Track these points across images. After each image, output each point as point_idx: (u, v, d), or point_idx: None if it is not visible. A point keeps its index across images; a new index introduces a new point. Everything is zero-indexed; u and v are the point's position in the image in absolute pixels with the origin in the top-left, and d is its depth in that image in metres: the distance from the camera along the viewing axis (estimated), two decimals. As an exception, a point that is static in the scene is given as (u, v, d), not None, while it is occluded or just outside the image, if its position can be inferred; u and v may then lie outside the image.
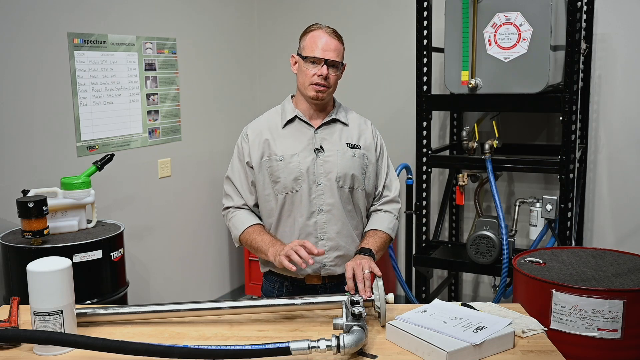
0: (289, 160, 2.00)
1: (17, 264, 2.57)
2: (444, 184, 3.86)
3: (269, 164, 2.01)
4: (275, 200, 2.02)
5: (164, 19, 3.66)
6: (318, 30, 1.99)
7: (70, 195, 2.74)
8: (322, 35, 1.97)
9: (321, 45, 1.96)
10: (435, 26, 3.33)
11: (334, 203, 2.01)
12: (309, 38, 1.99)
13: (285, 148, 2.01)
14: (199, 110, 3.99)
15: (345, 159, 2.02)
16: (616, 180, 3.56)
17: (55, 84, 3.04)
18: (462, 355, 1.50)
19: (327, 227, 2.01)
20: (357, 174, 2.03)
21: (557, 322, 2.07)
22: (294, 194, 2.00)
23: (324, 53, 1.95)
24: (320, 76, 1.95)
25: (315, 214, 2.01)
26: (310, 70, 1.97)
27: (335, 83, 2.01)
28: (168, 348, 1.43)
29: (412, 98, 3.39)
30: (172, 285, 3.87)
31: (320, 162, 2.01)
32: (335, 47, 1.98)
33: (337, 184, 2.01)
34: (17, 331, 1.62)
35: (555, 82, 3.03)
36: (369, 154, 2.08)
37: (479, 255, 3.13)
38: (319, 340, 1.49)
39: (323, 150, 2.01)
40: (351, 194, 2.04)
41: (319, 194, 2.00)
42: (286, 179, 1.99)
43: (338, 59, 1.98)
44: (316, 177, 2.00)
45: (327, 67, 1.96)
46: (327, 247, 2.01)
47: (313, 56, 1.96)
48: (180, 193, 3.87)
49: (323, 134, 2.05)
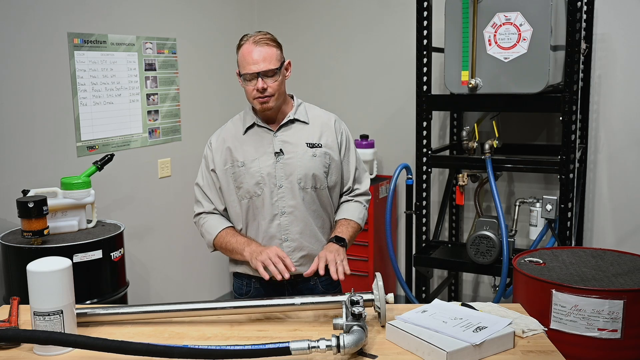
0: (249, 166, 2.02)
1: (17, 264, 2.57)
2: (444, 184, 3.86)
3: (232, 171, 2.05)
4: (239, 205, 2.06)
5: (164, 19, 3.66)
6: (245, 43, 1.98)
7: (70, 195, 2.74)
8: (249, 48, 1.95)
9: (250, 59, 1.94)
10: (435, 26, 3.33)
11: (295, 205, 2.03)
12: (240, 55, 1.99)
13: (246, 154, 2.04)
14: (199, 110, 3.99)
15: (305, 160, 2.03)
16: (616, 180, 3.56)
17: (55, 84, 3.04)
18: (462, 355, 1.50)
19: (290, 228, 2.03)
20: (318, 174, 2.04)
21: (557, 322, 2.07)
22: (256, 198, 2.03)
23: (255, 67, 1.94)
24: (258, 90, 1.96)
25: (278, 216, 2.03)
26: (248, 86, 1.98)
27: (278, 88, 1.99)
28: (168, 348, 1.43)
29: (412, 98, 3.39)
30: (172, 285, 3.87)
31: (281, 165, 2.02)
32: (265, 56, 1.95)
33: (299, 185, 2.02)
34: (17, 331, 1.62)
35: (555, 82, 3.03)
36: (332, 152, 2.08)
37: (479, 255, 3.13)
38: (319, 340, 1.49)
39: (283, 153, 2.03)
40: (315, 194, 2.05)
41: (281, 197, 2.02)
42: (248, 183, 2.02)
43: (271, 66, 1.95)
44: (277, 180, 2.02)
45: (262, 78, 1.95)
46: (291, 248, 2.04)
47: (246, 73, 1.96)
48: (180, 193, 3.87)
49: (282, 136, 2.06)
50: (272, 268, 1.82)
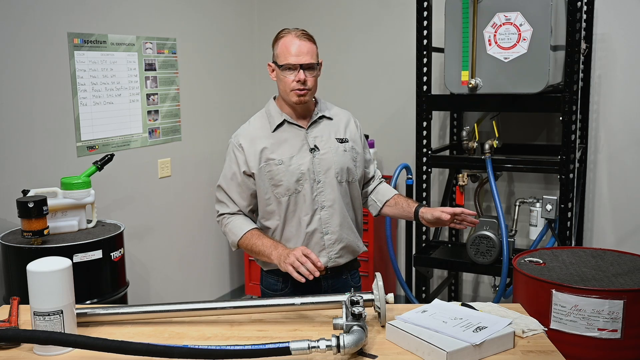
0: (288, 163, 2.05)
1: (17, 264, 2.57)
2: (444, 184, 3.86)
3: (268, 169, 2.05)
4: (277, 203, 2.07)
5: (164, 19, 3.66)
6: (288, 35, 2.02)
7: (70, 195, 2.74)
8: (293, 40, 2.00)
9: (294, 50, 1.99)
10: (435, 26, 3.33)
11: (334, 198, 2.08)
12: (280, 45, 2.03)
13: (283, 152, 2.06)
14: (199, 110, 3.99)
15: (338, 154, 2.10)
16: (616, 180, 3.56)
17: (55, 84, 3.04)
18: (462, 355, 1.50)
19: (330, 221, 2.08)
20: (351, 167, 2.13)
21: (557, 322, 2.07)
22: (297, 194, 2.06)
23: (298, 58, 1.99)
24: (299, 82, 2.00)
25: (318, 210, 2.07)
26: (288, 77, 2.01)
27: (314, 84, 2.06)
28: (168, 348, 1.43)
29: (412, 98, 3.39)
30: (172, 285, 3.87)
31: (317, 161, 2.07)
32: (308, 49, 2.01)
33: (336, 179, 2.08)
34: (17, 331, 1.63)
35: (555, 82, 3.03)
36: (356, 146, 2.17)
37: (479, 255, 3.13)
38: (319, 340, 1.49)
39: (318, 149, 2.08)
40: (348, 187, 2.13)
41: (320, 191, 2.07)
42: (288, 181, 2.04)
43: (313, 60, 2.02)
44: (315, 176, 2.06)
45: (304, 71, 2.00)
46: (332, 240, 2.09)
47: (288, 63, 1.99)
48: (180, 193, 3.87)
49: (313, 132, 2.11)
50: (303, 270, 1.84)
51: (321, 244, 2.08)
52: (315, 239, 2.07)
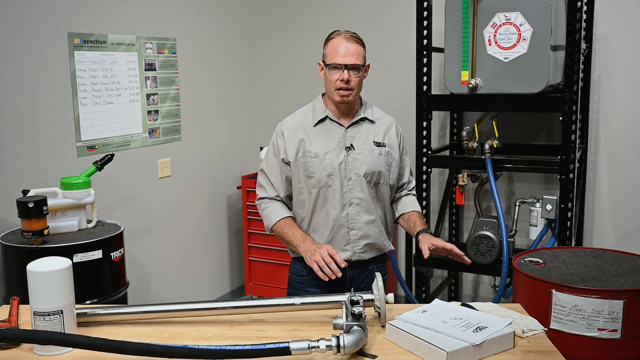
0: (322, 158, 2.15)
1: (17, 264, 2.57)
2: (444, 184, 3.86)
3: (304, 160, 2.16)
4: (308, 193, 2.18)
5: (164, 19, 3.66)
6: (337, 37, 2.13)
7: (70, 195, 2.74)
8: (341, 42, 2.10)
9: (341, 51, 2.09)
10: (435, 26, 3.33)
11: (363, 197, 2.17)
12: (329, 46, 2.14)
13: (319, 146, 2.16)
14: (199, 110, 3.99)
15: (372, 157, 2.17)
16: (616, 180, 3.56)
17: (55, 84, 3.04)
18: (462, 355, 1.50)
19: (357, 218, 2.17)
20: (383, 171, 2.20)
21: (557, 322, 2.07)
22: (327, 188, 2.15)
23: (343, 59, 2.08)
24: (342, 80, 2.09)
25: (347, 206, 2.16)
26: (333, 75, 2.11)
27: (359, 84, 2.13)
28: (168, 348, 1.43)
29: (412, 98, 3.39)
30: (172, 285, 3.87)
31: (351, 160, 2.16)
32: (355, 51, 2.10)
33: (366, 179, 2.16)
34: (17, 331, 1.62)
35: (555, 82, 3.03)
36: (393, 152, 2.24)
37: (479, 255, 3.13)
38: (319, 340, 1.49)
39: (353, 149, 2.17)
40: (376, 188, 2.20)
41: (350, 189, 2.16)
42: (320, 174, 2.14)
43: (358, 61, 2.10)
44: (347, 173, 2.15)
45: (348, 71, 2.08)
46: (357, 236, 2.18)
47: (334, 63, 2.09)
48: (180, 193, 3.87)
49: (352, 132, 2.19)
50: (327, 270, 1.96)
51: (347, 238, 2.17)
52: (342, 233, 2.16)
